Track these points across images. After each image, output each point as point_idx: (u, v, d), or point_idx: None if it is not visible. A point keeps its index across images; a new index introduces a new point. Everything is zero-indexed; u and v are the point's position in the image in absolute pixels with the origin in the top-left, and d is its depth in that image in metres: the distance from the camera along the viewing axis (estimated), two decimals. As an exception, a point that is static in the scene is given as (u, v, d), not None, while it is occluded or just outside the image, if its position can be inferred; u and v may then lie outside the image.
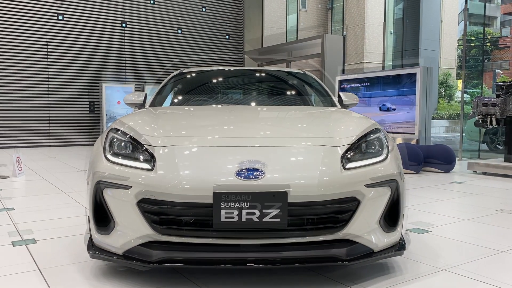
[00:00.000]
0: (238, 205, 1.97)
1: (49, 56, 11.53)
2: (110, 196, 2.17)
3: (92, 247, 2.28)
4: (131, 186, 2.09)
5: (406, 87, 7.41)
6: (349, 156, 2.23)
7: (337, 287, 2.16)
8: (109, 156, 2.26)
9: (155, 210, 2.05)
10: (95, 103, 12.16)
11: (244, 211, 1.97)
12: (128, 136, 2.33)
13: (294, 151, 2.24)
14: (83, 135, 12.12)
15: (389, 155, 2.32)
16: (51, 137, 11.68)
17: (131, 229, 2.12)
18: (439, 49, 20.69)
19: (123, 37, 12.58)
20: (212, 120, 2.84)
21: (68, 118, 11.87)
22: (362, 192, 2.11)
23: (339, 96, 3.68)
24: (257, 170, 2.05)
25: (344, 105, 3.60)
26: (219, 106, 3.42)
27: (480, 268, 2.45)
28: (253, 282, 2.22)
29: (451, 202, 4.42)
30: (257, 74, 4.23)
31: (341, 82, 8.72)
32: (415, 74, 7.21)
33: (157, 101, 3.49)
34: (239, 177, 2.01)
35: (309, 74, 3.95)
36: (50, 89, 11.56)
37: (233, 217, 1.97)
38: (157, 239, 2.08)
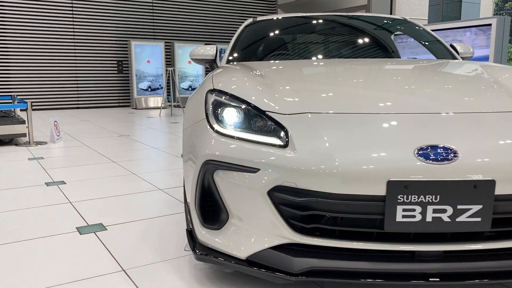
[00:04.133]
0: (423, 200, 1.38)
1: (74, 13, 10.84)
2: (225, 181, 1.60)
3: (194, 244, 1.75)
4: (259, 169, 1.52)
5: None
6: None
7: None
8: (218, 127, 1.67)
9: (298, 202, 1.48)
10: (124, 62, 11.52)
11: (430, 208, 1.39)
12: (239, 99, 1.73)
13: (493, 120, 1.60)
14: (111, 96, 11.58)
15: None
16: (79, 99, 11.17)
17: (257, 226, 1.57)
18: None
19: (150, -9, 11.76)
20: (347, 77, 2.10)
21: (95, 79, 11.30)
22: None
23: (452, 47, 3.01)
24: (446, 149, 1.43)
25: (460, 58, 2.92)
26: (339, 60, 2.64)
27: None
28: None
29: None
30: (354, 22, 3.31)
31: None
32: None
33: (237, 57, 2.83)
34: (423, 159, 1.41)
35: (411, 20, 3.24)
36: (76, 49, 10.94)
37: (414, 216, 1.39)
38: (297, 241, 1.52)
